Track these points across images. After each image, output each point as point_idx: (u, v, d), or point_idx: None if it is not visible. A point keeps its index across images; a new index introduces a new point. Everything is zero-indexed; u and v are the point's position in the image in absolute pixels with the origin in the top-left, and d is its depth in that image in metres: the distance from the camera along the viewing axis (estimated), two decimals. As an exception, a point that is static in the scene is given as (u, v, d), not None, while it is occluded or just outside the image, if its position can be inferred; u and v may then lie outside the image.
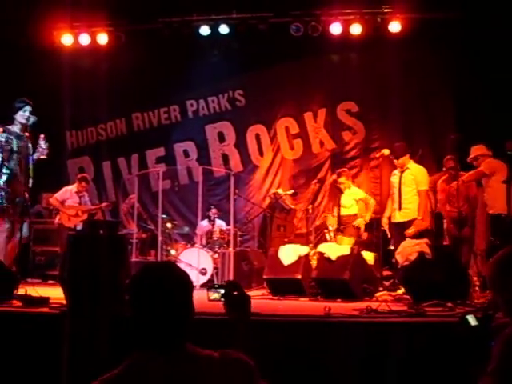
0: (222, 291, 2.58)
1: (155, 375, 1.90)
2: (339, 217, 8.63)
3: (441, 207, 8.34)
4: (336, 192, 8.79)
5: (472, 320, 2.92)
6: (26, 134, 6.51)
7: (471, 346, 2.70)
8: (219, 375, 1.96)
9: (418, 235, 7.71)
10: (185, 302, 2.03)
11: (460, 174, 7.78)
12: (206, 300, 2.85)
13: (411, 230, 7.74)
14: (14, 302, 5.53)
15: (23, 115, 6.50)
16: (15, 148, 6.44)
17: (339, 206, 8.68)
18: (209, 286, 2.94)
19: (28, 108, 6.52)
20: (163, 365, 1.92)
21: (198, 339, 2.08)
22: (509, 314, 2.54)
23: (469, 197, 7.97)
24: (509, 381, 2.32)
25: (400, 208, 8.02)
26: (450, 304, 5.66)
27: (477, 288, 6.36)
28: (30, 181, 6.56)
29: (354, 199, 8.79)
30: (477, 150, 7.77)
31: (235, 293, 2.53)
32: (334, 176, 9.24)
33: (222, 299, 2.56)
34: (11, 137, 6.49)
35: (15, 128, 6.57)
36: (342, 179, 8.79)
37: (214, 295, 2.72)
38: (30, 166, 6.48)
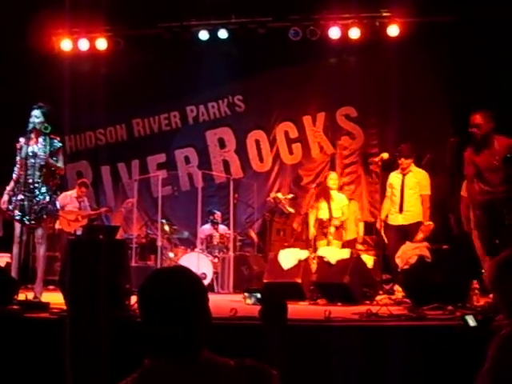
0: (258, 295, 2.54)
1: (169, 383, 1.87)
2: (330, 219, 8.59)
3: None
4: (326, 193, 8.60)
5: (471, 321, 2.93)
6: (40, 138, 6.44)
7: (470, 347, 2.71)
8: (235, 383, 1.92)
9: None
10: (198, 308, 1.95)
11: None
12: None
13: (420, 236, 7.71)
14: (14, 307, 5.52)
15: (30, 120, 6.46)
16: (23, 155, 6.39)
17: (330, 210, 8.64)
18: (244, 289, 2.90)
19: (33, 113, 6.46)
20: (177, 372, 1.88)
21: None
22: (509, 316, 2.55)
23: None
24: (501, 380, 2.34)
25: (401, 210, 7.98)
26: (450, 307, 5.66)
27: (477, 291, 6.33)
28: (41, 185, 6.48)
29: (339, 207, 8.62)
30: (476, 119, 6.96)
31: (271, 299, 2.48)
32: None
33: (258, 303, 2.50)
34: (23, 145, 6.44)
35: (30, 135, 6.49)
36: (333, 175, 8.79)
37: (249, 300, 2.68)
38: (43, 171, 6.42)
